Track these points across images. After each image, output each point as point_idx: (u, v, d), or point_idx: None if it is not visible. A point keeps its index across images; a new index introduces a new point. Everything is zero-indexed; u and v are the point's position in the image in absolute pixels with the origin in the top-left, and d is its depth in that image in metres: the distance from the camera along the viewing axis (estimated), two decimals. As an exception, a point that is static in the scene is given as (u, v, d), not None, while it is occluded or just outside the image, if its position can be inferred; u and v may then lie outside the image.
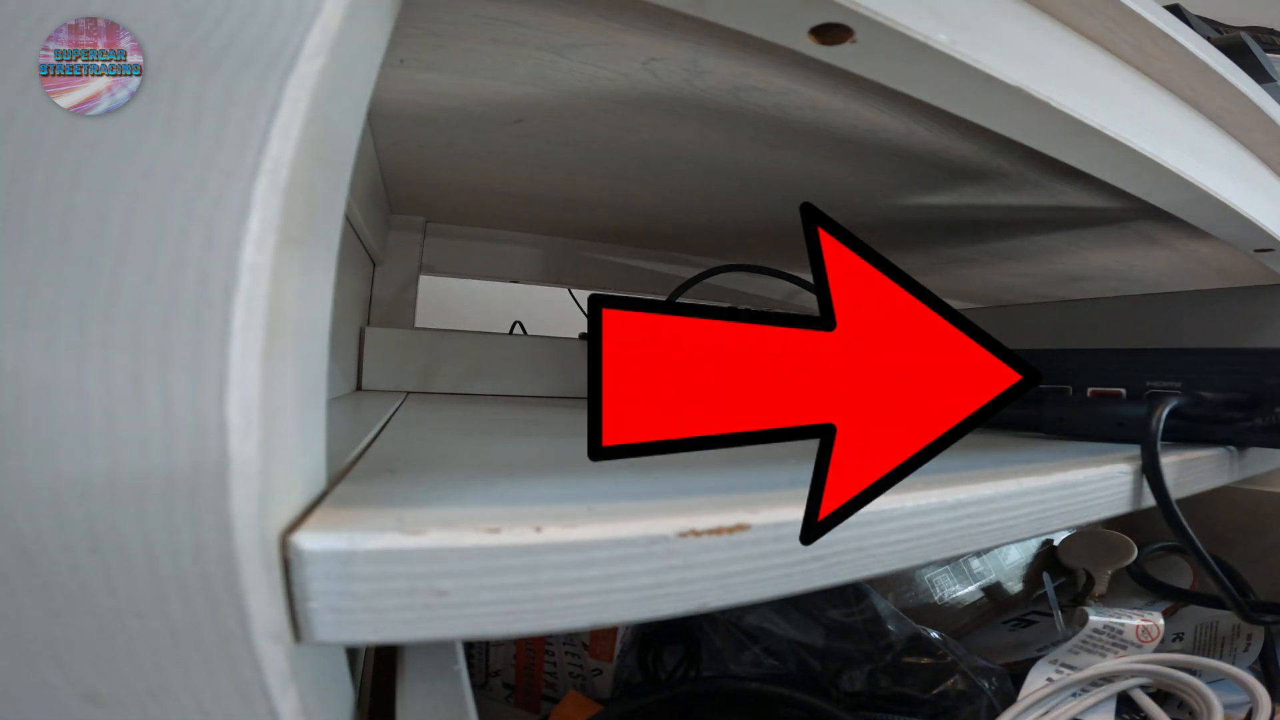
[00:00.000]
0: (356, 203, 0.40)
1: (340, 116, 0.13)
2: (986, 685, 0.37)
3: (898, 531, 0.18)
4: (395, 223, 0.61)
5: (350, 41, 0.12)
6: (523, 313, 0.83)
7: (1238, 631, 0.44)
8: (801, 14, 0.17)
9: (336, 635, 0.12)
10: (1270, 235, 0.36)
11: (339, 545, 0.12)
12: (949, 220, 0.52)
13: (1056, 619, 0.43)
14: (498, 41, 0.27)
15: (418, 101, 0.34)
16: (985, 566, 0.54)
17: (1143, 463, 0.28)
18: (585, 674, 0.42)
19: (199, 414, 0.11)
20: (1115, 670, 0.36)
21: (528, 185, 0.49)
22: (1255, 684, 0.34)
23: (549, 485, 0.17)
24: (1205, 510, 0.54)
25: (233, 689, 0.11)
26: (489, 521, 0.13)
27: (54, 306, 0.10)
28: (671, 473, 0.20)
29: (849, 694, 0.39)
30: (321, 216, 0.13)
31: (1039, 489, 0.22)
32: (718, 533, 0.15)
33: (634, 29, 0.25)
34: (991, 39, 0.20)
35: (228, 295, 0.11)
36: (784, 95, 0.31)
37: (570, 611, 0.13)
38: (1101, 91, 0.24)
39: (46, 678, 0.11)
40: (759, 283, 0.80)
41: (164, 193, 0.11)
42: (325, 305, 0.14)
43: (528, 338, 0.61)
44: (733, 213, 0.54)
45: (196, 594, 0.11)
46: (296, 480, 0.13)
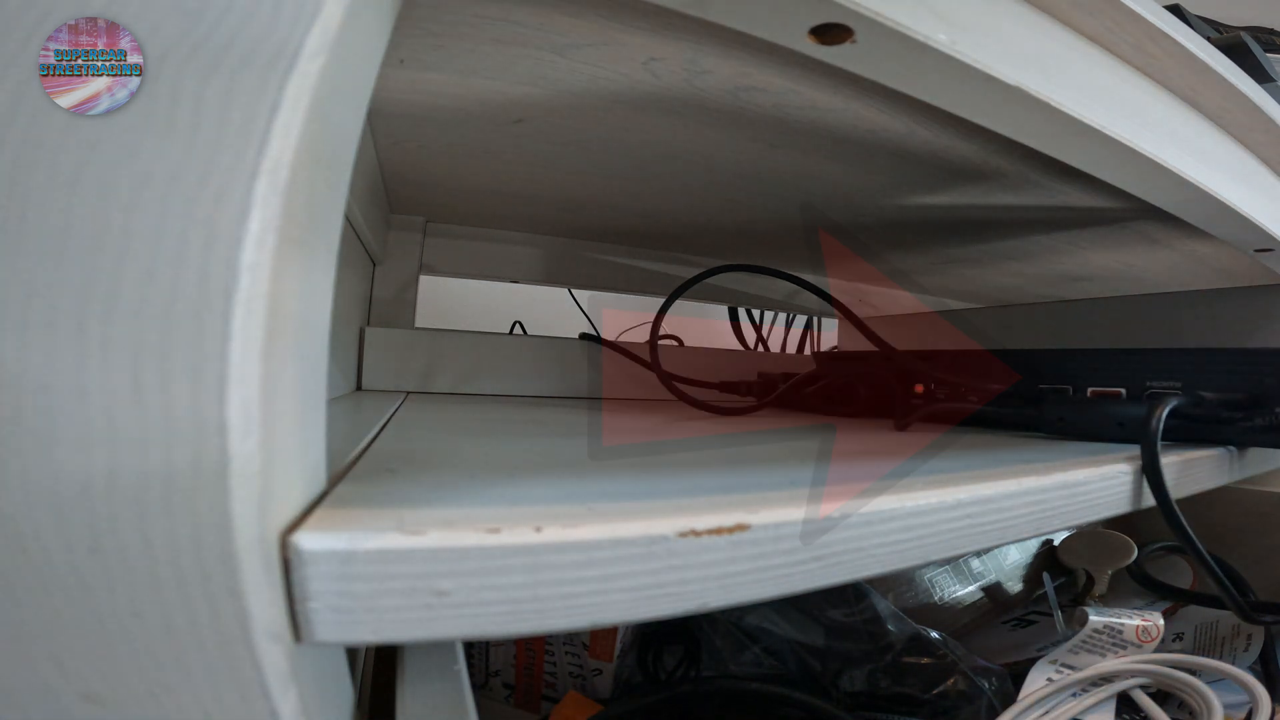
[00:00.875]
0: (356, 203, 0.40)
1: (340, 116, 0.13)
2: (986, 685, 0.37)
3: (898, 531, 0.18)
4: (395, 223, 0.61)
5: (350, 41, 0.12)
6: (523, 313, 0.83)
7: (1238, 631, 0.44)
8: (801, 14, 0.17)
9: (336, 635, 0.12)
10: (1270, 235, 0.36)
11: (339, 545, 0.12)
12: (949, 220, 0.52)
13: (1056, 619, 0.43)
14: (498, 41, 0.27)
15: (418, 101, 0.34)
16: (985, 566, 0.54)
17: (1143, 463, 0.28)
18: (585, 674, 0.42)
19: (199, 414, 0.11)
20: (1115, 670, 0.36)
21: (528, 185, 0.49)
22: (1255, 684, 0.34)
23: (549, 485, 0.17)
24: (1205, 510, 0.54)
25: (233, 689, 0.11)
26: (489, 521, 0.13)
27: (54, 306, 0.10)
28: (671, 473, 0.20)
29: (849, 694, 0.39)
30: (321, 216, 0.13)
31: (1039, 489, 0.22)
32: (718, 533, 0.14)
33: (634, 29, 0.25)
34: (991, 39, 0.20)
35: (228, 295, 0.11)
36: (784, 95, 0.31)
37: (570, 611, 0.13)
38: (1101, 91, 0.24)
39: (46, 678, 0.11)
40: (759, 283, 0.80)
41: (164, 193, 0.11)
42: (325, 305, 0.14)
43: (528, 338, 0.61)
44: (733, 213, 0.54)
45: (196, 594, 0.11)
46: (296, 480, 0.13)
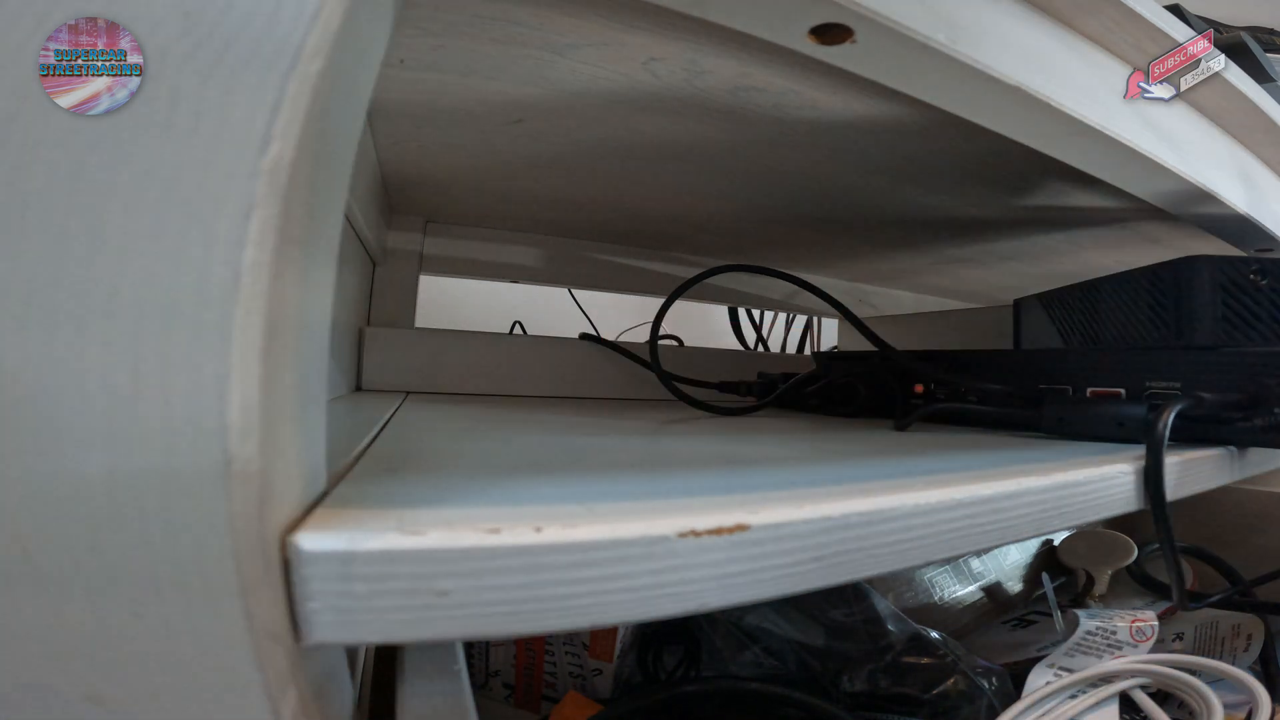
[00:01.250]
0: (356, 203, 0.40)
1: (340, 116, 0.13)
2: (986, 685, 0.37)
3: (898, 531, 0.18)
4: (395, 223, 0.61)
5: (350, 41, 0.12)
6: (523, 313, 0.83)
7: (1238, 631, 0.44)
8: (801, 14, 0.17)
9: (336, 635, 0.12)
10: (1271, 235, 0.36)
11: (339, 545, 0.12)
12: (949, 220, 0.52)
13: (1056, 619, 0.43)
14: (497, 41, 0.27)
15: (418, 101, 0.34)
16: (985, 566, 0.54)
17: (1147, 464, 0.27)
18: (585, 674, 0.42)
19: (199, 414, 0.11)
20: (1115, 671, 0.36)
21: (528, 185, 0.49)
22: (1255, 684, 0.34)
23: (549, 485, 0.17)
24: (1205, 510, 0.54)
25: (233, 689, 0.11)
26: (489, 521, 0.13)
27: (54, 306, 0.10)
28: (671, 473, 0.20)
29: (849, 694, 0.39)
30: (321, 216, 0.13)
31: (1039, 489, 0.22)
32: (718, 533, 0.14)
33: (634, 29, 0.25)
34: (991, 39, 0.20)
35: (228, 295, 0.11)
36: (784, 95, 0.31)
37: (570, 611, 0.13)
38: (1101, 91, 0.24)
39: (47, 678, 0.11)
40: (759, 283, 0.80)
41: (164, 193, 0.11)
42: (325, 305, 0.14)
43: (528, 338, 0.61)
44: (732, 212, 0.54)
45: (197, 594, 0.11)
46: (296, 480, 0.13)
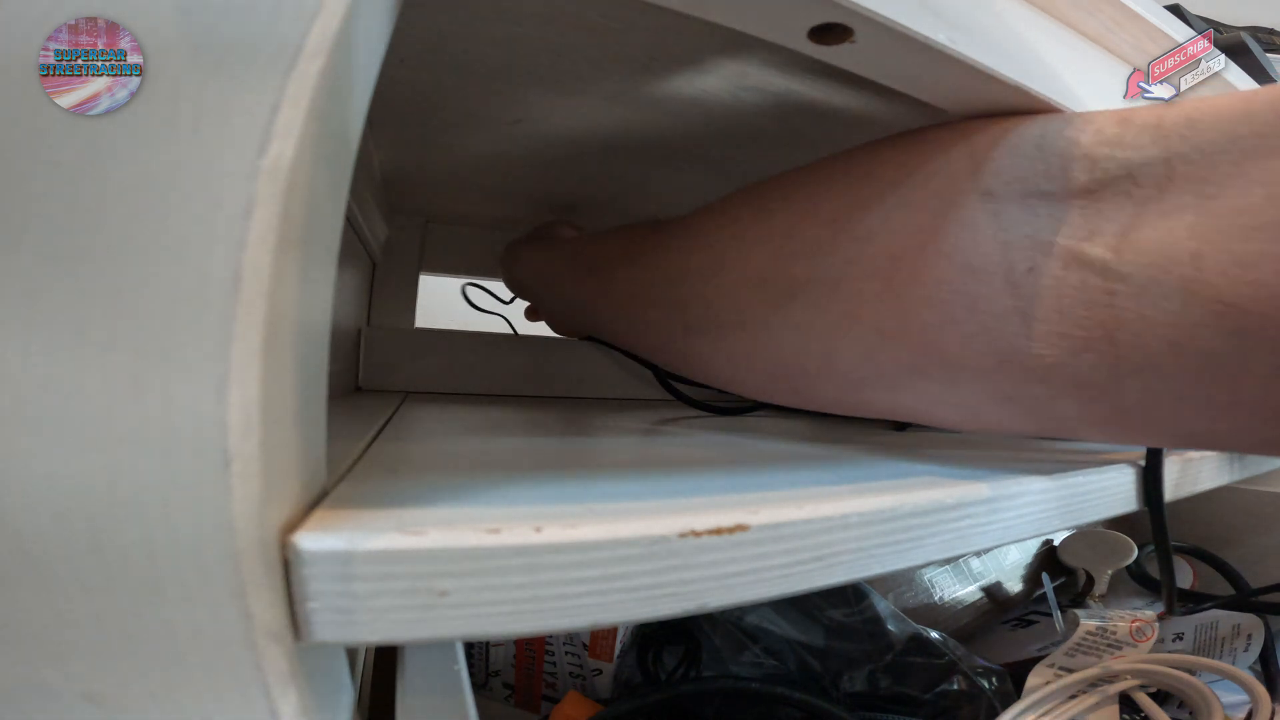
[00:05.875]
0: (356, 203, 0.40)
1: (341, 116, 0.13)
2: (986, 685, 0.37)
3: (898, 531, 0.18)
4: (395, 223, 0.61)
5: (350, 41, 0.12)
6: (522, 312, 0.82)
7: (1238, 631, 0.44)
8: (801, 14, 0.17)
9: (336, 635, 0.12)
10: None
11: (339, 545, 0.12)
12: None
13: (1056, 619, 0.43)
14: (497, 41, 0.27)
15: (418, 101, 0.34)
16: (985, 566, 0.54)
17: (1146, 465, 0.27)
18: (585, 674, 0.42)
19: (199, 414, 0.11)
20: (1116, 670, 0.36)
21: (527, 185, 0.49)
22: (1255, 684, 0.34)
23: (549, 485, 0.17)
24: (1205, 510, 0.54)
25: (233, 689, 0.11)
26: (489, 521, 0.13)
27: (53, 307, 0.10)
28: (671, 473, 0.20)
29: (849, 694, 0.39)
30: (321, 216, 0.13)
31: (1039, 489, 0.22)
32: (718, 533, 0.14)
33: (634, 28, 0.25)
34: (991, 39, 0.20)
35: (228, 295, 0.11)
36: (784, 95, 0.31)
37: (570, 611, 0.13)
38: (1102, 92, 0.24)
39: (46, 678, 0.11)
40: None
41: (164, 193, 0.11)
42: (325, 305, 0.14)
43: (528, 338, 0.61)
44: (733, 213, 0.54)
45: (196, 594, 0.11)
46: (296, 480, 0.13)
